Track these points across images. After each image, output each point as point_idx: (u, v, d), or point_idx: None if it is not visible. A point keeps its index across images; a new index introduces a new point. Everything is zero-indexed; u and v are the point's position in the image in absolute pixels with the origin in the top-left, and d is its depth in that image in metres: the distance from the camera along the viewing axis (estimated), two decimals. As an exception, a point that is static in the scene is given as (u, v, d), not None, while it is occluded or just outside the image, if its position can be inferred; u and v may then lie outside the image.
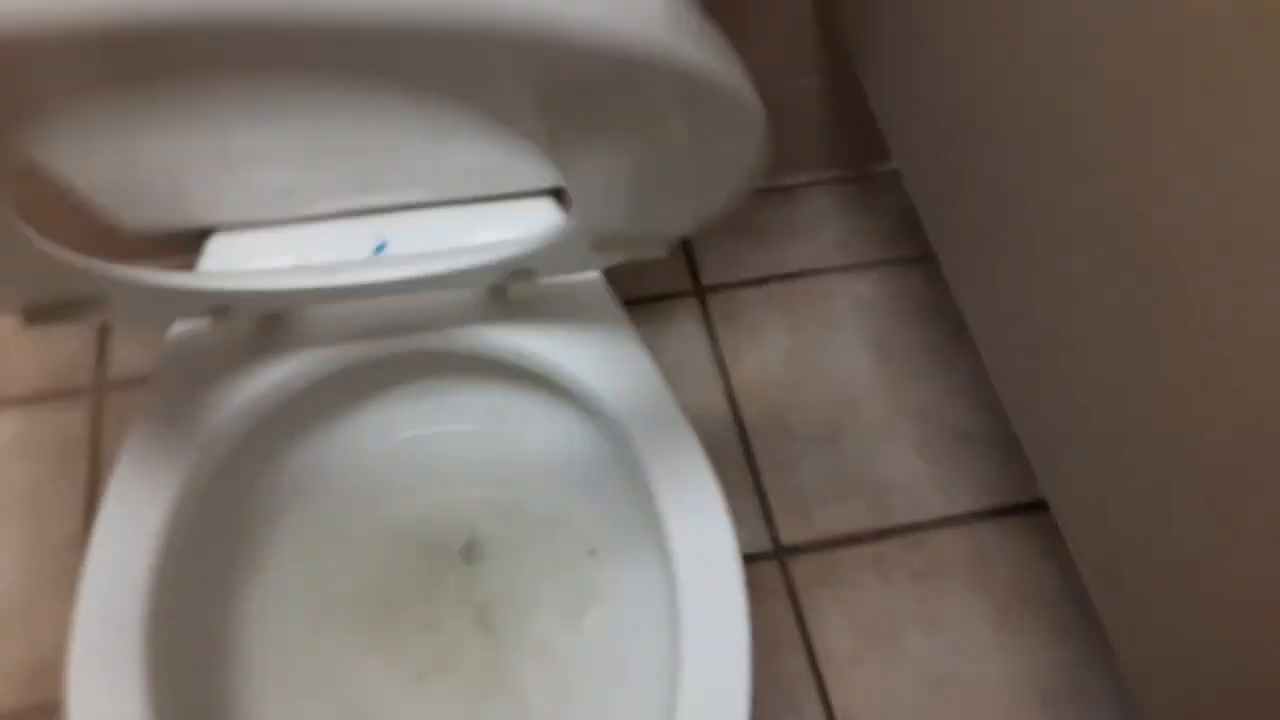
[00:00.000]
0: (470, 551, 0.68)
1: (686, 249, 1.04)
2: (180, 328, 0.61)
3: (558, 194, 0.67)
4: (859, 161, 1.10)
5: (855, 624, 0.84)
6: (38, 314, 0.48)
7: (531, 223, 0.65)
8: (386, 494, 0.69)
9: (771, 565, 0.86)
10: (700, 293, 1.02)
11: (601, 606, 0.65)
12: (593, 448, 0.65)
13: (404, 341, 0.62)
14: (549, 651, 0.64)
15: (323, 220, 0.65)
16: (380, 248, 0.64)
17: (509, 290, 0.61)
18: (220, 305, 0.56)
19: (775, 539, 0.87)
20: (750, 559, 0.85)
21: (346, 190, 0.64)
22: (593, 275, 0.63)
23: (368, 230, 0.65)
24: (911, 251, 1.05)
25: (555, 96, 0.34)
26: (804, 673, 0.82)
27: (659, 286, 1.01)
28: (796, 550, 0.87)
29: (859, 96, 0.99)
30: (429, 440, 0.70)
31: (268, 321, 0.61)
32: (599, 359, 0.61)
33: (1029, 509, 0.90)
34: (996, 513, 0.89)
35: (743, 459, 0.92)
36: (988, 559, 0.87)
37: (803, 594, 0.85)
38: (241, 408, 0.59)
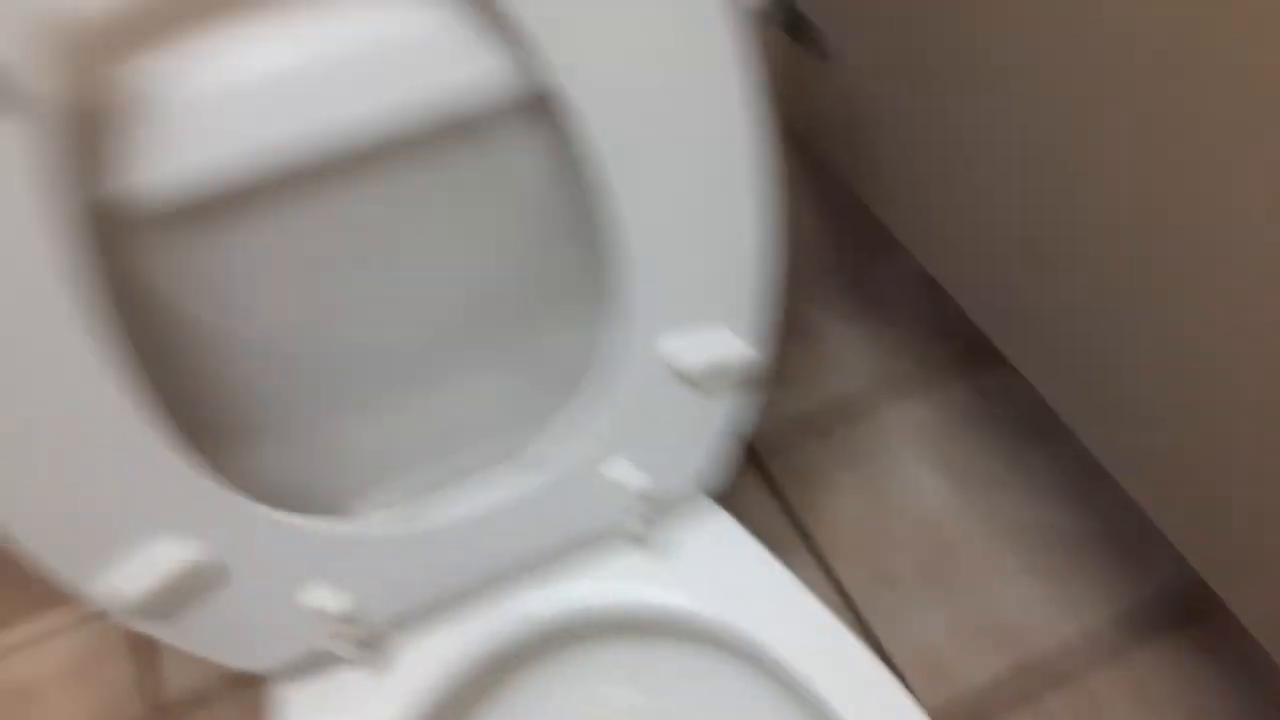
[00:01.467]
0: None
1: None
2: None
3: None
4: (864, 279, 1.08)
5: (1030, 779, 0.77)
6: None
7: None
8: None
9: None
10: (755, 458, 0.98)
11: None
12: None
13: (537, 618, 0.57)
14: None
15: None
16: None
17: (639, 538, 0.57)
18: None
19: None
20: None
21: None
22: (707, 504, 0.59)
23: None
24: (944, 357, 1.03)
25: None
26: None
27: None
28: (947, 715, 0.81)
29: (856, 219, 0.98)
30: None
31: (375, 644, 0.55)
32: (753, 600, 0.56)
33: (1157, 605, 0.85)
34: (1133, 619, 0.85)
35: (855, 624, 0.86)
36: (1141, 680, 0.82)
37: (966, 760, 0.78)
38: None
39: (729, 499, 0.95)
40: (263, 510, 0.46)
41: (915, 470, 0.95)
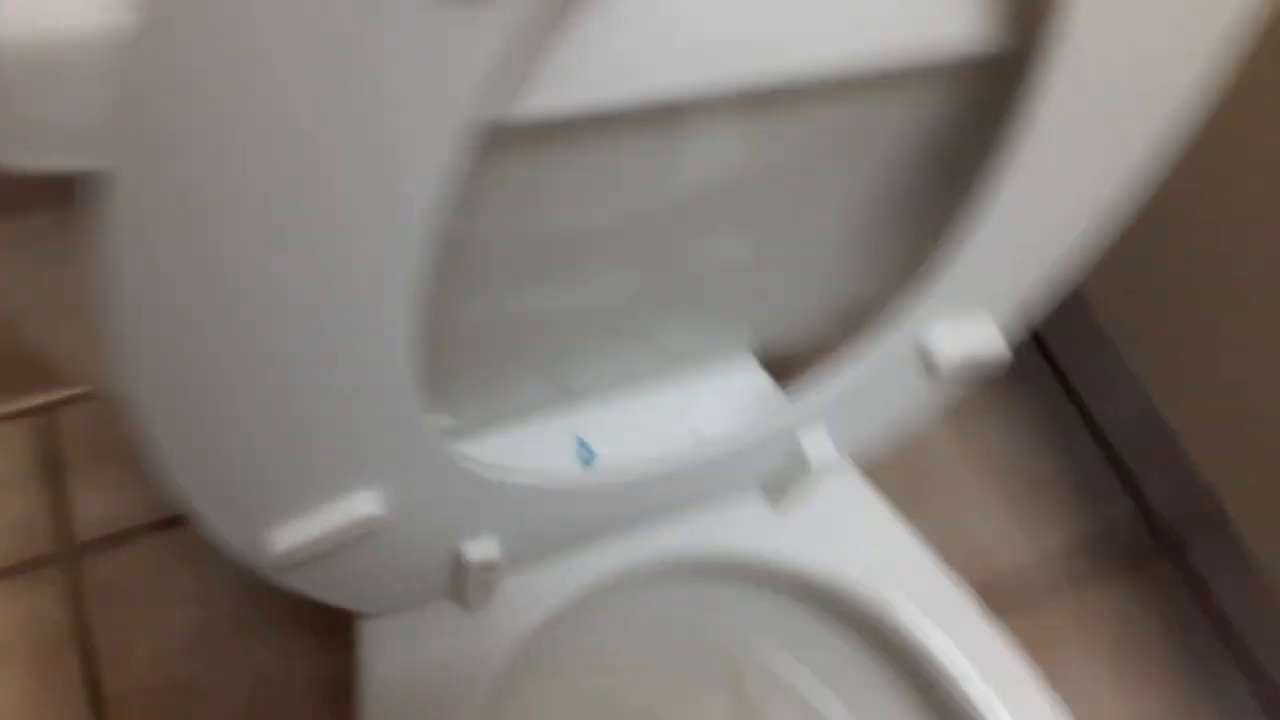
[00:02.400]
0: None
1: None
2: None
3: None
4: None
5: None
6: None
7: (739, 396, 0.55)
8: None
9: None
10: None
11: None
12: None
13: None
14: None
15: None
16: (587, 455, 0.53)
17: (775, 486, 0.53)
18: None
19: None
20: None
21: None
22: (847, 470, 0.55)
23: (561, 432, 0.53)
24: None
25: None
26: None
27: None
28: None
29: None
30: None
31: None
32: (873, 561, 0.53)
33: (1109, 544, 0.91)
34: (1086, 554, 0.90)
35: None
36: (1084, 609, 0.88)
37: None
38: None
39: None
40: (455, 459, 0.38)
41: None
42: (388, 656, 0.47)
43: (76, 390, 0.84)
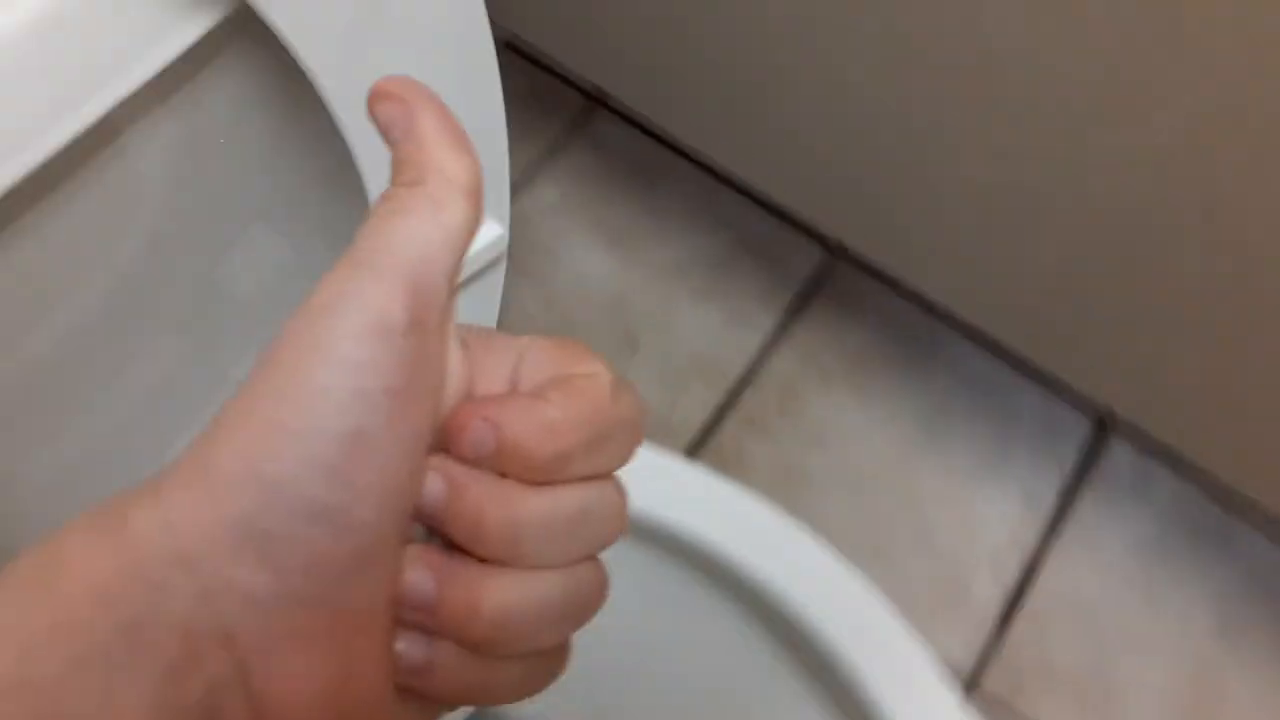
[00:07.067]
0: None
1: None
2: None
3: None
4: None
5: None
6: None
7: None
8: None
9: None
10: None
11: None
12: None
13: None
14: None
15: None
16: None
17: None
18: None
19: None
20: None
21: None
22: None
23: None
24: (556, 128, 0.98)
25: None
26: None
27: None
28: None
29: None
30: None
31: None
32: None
33: (799, 284, 0.94)
34: (788, 302, 0.93)
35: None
36: (808, 349, 0.91)
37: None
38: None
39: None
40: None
41: (571, 245, 0.94)
42: None
43: None
